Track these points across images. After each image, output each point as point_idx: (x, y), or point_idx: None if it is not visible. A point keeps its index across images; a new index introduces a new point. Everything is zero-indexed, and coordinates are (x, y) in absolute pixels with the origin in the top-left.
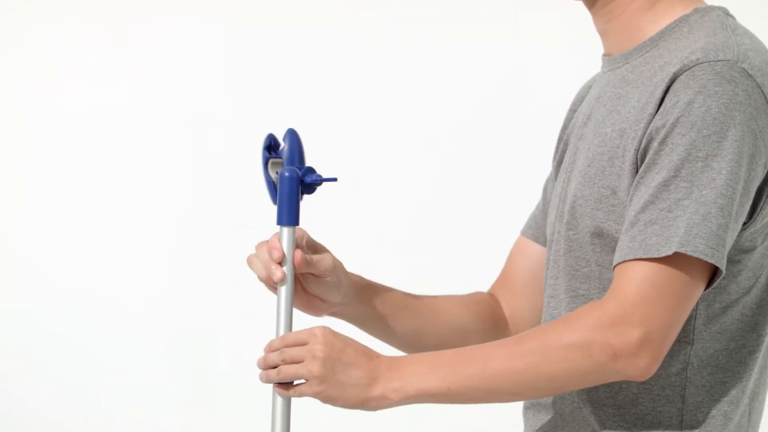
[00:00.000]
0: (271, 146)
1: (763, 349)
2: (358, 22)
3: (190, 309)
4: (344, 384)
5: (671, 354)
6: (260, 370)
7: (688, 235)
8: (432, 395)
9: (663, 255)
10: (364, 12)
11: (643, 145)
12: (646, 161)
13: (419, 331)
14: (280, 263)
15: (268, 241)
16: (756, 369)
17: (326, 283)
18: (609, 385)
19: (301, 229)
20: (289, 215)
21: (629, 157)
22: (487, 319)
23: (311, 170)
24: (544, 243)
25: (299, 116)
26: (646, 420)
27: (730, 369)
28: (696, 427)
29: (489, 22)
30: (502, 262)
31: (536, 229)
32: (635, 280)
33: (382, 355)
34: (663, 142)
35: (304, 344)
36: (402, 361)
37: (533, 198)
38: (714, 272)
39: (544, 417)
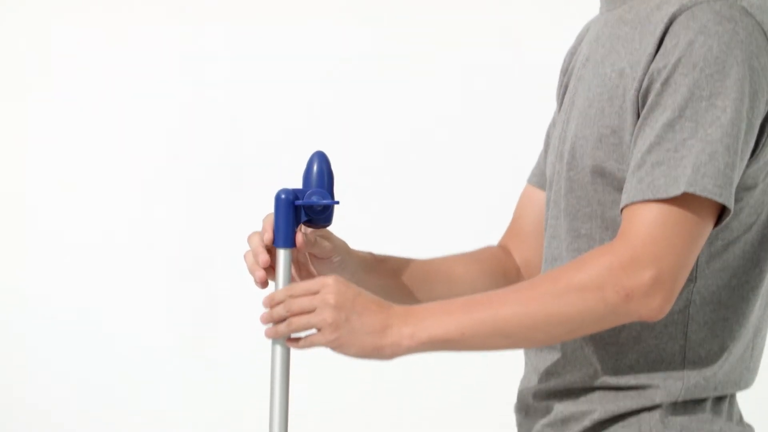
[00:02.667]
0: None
1: (766, 284)
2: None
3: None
4: (358, 331)
5: None
6: (265, 326)
7: (695, 175)
8: (445, 341)
9: (671, 195)
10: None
11: (644, 87)
12: (648, 102)
13: (433, 296)
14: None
15: (254, 237)
16: (758, 305)
17: (331, 263)
18: None
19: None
20: (284, 238)
21: (630, 97)
22: (499, 273)
23: (318, 193)
24: None
25: (299, 113)
26: (648, 357)
27: (732, 305)
28: (699, 364)
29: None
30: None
31: (541, 177)
32: (644, 222)
33: (393, 304)
34: (665, 83)
35: (314, 293)
36: (415, 308)
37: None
38: (721, 210)
39: (546, 356)
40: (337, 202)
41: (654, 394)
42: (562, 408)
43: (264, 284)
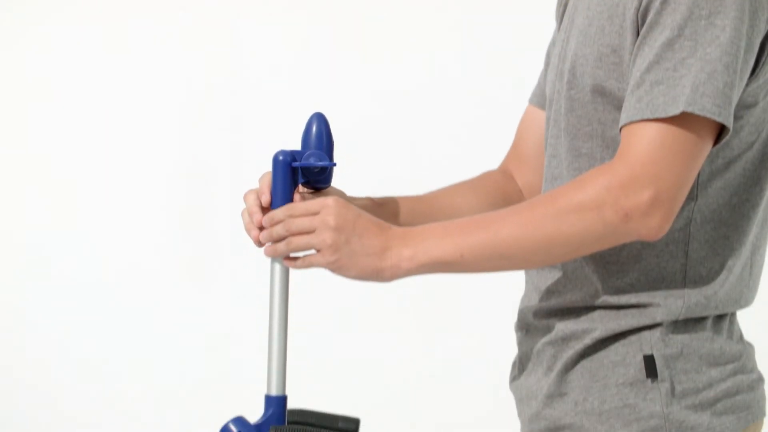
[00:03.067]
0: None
1: (765, 202)
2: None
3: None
4: (358, 253)
5: None
6: (265, 245)
7: (694, 94)
8: (445, 263)
9: (670, 115)
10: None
11: (643, 5)
12: (647, 21)
13: None
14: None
15: (250, 196)
16: (757, 222)
17: None
18: None
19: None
20: (282, 199)
21: (629, 15)
22: (499, 200)
23: (316, 155)
24: None
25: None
26: (649, 276)
27: (732, 223)
28: (699, 282)
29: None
30: None
31: (541, 96)
32: (643, 141)
33: (393, 226)
34: (664, 1)
35: (314, 214)
36: (415, 231)
37: None
38: (720, 130)
39: (547, 275)
40: (335, 164)
41: (655, 312)
42: (562, 326)
43: (260, 244)
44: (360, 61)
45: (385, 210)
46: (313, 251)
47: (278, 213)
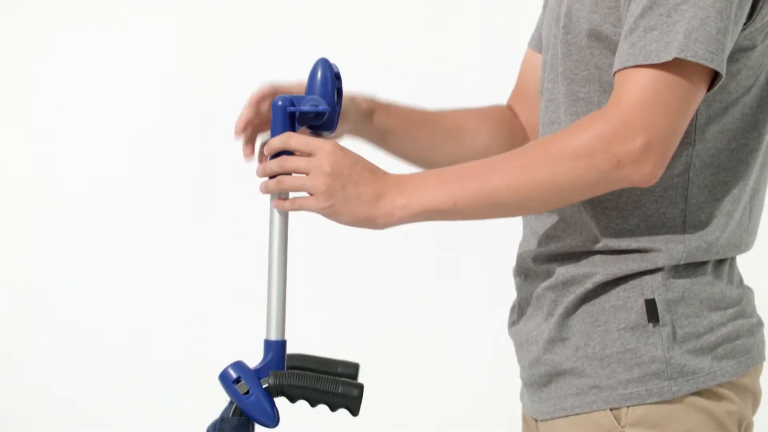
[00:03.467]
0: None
1: (764, 147)
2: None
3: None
4: (351, 200)
5: (673, 155)
6: (261, 180)
7: (687, 40)
8: (438, 211)
9: (663, 61)
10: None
11: None
12: None
13: (434, 147)
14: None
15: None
16: (756, 167)
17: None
18: None
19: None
20: None
21: None
22: (504, 132)
23: (315, 101)
24: None
25: None
26: (649, 222)
27: (731, 168)
28: (699, 227)
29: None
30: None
31: (540, 40)
32: (636, 87)
33: (389, 173)
34: None
35: (310, 155)
36: (408, 178)
37: None
38: (714, 76)
39: (545, 220)
40: (328, 109)
41: (656, 257)
42: (563, 271)
43: (240, 134)
44: (360, 59)
45: (387, 113)
46: (304, 194)
47: (275, 141)
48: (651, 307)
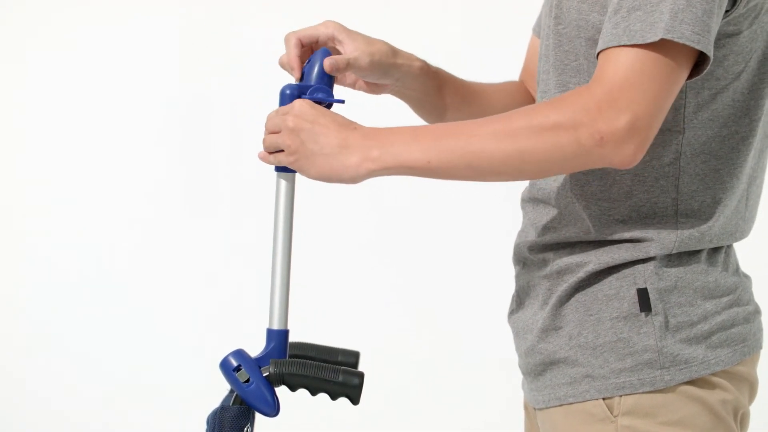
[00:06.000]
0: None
1: (758, 134)
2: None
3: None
4: (315, 153)
5: (663, 144)
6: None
7: (673, 21)
8: (411, 167)
9: (648, 41)
10: None
11: None
12: None
13: (469, 117)
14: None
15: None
16: (752, 154)
17: (372, 74)
18: (602, 179)
19: (333, 24)
20: None
21: None
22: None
23: (321, 90)
24: None
25: None
26: (641, 211)
27: (723, 156)
28: (691, 216)
29: None
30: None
31: (540, 28)
32: (620, 66)
33: (361, 126)
34: None
35: (285, 114)
36: (382, 131)
37: None
38: (699, 59)
39: (542, 210)
40: (343, 101)
41: (648, 246)
42: (557, 260)
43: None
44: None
45: (431, 80)
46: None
47: (272, 113)
48: (643, 296)
